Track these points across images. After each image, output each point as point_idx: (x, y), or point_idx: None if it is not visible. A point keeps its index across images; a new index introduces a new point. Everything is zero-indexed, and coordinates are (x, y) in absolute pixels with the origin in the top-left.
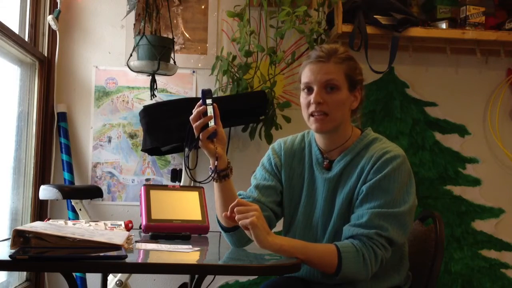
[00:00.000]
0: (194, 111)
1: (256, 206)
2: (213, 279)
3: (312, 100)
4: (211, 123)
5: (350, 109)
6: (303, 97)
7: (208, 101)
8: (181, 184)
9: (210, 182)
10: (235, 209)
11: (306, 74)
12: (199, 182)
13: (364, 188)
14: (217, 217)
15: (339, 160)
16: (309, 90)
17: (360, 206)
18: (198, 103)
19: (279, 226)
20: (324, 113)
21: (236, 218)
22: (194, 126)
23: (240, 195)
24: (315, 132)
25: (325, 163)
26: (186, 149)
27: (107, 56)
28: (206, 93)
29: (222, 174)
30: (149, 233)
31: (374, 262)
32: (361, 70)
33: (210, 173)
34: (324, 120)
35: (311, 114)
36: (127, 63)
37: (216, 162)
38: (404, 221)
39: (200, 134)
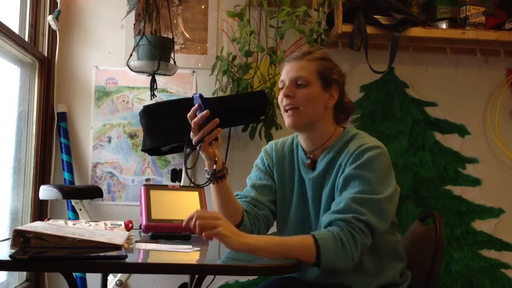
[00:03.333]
0: (198, 117)
1: (216, 213)
2: (213, 279)
3: (281, 94)
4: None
5: (325, 107)
6: (279, 95)
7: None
8: (181, 184)
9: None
10: (197, 224)
11: (282, 73)
12: (199, 186)
13: (341, 178)
14: None
15: (322, 158)
16: (283, 87)
17: (338, 196)
18: (195, 108)
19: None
20: (294, 107)
21: (202, 235)
22: (202, 130)
23: (237, 195)
24: (289, 128)
25: (307, 162)
26: (187, 150)
27: (107, 56)
28: (201, 97)
29: (219, 175)
30: (149, 233)
31: (354, 247)
32: (339, 72)
33: (209, 176)
34: (294, 114)
35: (284, 110)
36: (127, 63)
37: (215, 164)
38: (383, 207)
39: (205, 138)
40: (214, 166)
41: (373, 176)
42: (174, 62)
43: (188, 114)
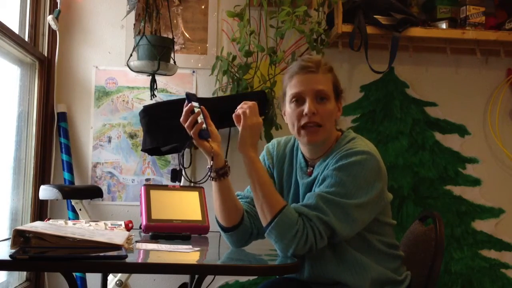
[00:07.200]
0: (183, 115)
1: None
2: (213, 279)
3: (306, 111)
4: (200, 120)
5: (335, 119)
6: (292, 109)
7: (195, 104)
8: (181, 184)
9: (210, 182)
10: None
11: (295, 85)
12: (196, 183)
13: (321, 177)
14: (216, 218)
15: (318, 165)
16: (299, 101)
17: (313, 191)
18: (185, 106)
19: None
20: (318, 124)
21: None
22: (185, 126)
23: (238, 195)
24: (305, 145)
25: (308, 170)
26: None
27: (107, 56)
28: (191, 96)
29: (220, 173)
30: (149, 233)
31: (302, 245)
32: (339, 82)
33: (208, 172)
34: (318, 132)
35: (303, 127)
36: (127, 63)
37: (212, 160)
38: (350, 213)
39: (192, 132)
40: (211, 163)
41: (351, 181)
42: (174, 62)
43: (181, 119)
